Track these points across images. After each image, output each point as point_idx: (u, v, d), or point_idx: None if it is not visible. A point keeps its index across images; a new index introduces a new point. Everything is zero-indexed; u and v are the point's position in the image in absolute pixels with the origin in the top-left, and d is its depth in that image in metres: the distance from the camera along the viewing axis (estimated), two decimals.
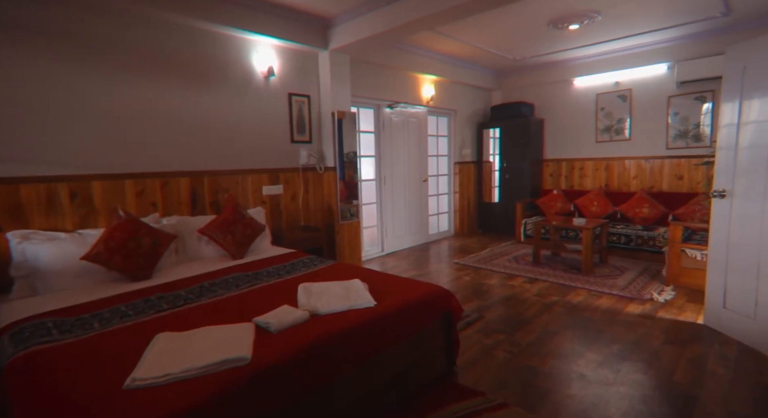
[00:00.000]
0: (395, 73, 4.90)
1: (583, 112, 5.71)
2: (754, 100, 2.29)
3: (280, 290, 2.18)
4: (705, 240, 3.73)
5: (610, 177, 5.53)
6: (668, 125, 5.02)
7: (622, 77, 5.31)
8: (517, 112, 5.84)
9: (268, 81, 3.53)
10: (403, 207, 5.22)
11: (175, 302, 1.99)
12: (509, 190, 6.02)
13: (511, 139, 5.93)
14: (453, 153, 6.03)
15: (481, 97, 6.39)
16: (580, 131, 5.77)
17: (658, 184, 5.14)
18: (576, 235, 4.89)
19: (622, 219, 5.02)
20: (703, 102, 4.76)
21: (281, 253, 3.00)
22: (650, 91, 5.11)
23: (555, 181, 6.08)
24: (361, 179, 4.75)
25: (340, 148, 4.00)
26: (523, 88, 6.27)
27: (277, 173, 3.66)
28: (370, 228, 4.97)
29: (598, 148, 5.63)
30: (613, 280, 3.70)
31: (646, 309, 3.00)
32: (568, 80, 5.76)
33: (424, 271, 4.22)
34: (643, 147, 5.24)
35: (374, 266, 4.49)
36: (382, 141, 4.88)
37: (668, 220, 4.68)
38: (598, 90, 5.55)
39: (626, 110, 5.33)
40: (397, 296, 2.00)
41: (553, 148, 6.08)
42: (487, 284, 3.72)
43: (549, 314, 2.96)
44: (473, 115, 6.29)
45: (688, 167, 4.91)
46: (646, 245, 4.37)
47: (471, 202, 6.37)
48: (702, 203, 4.39)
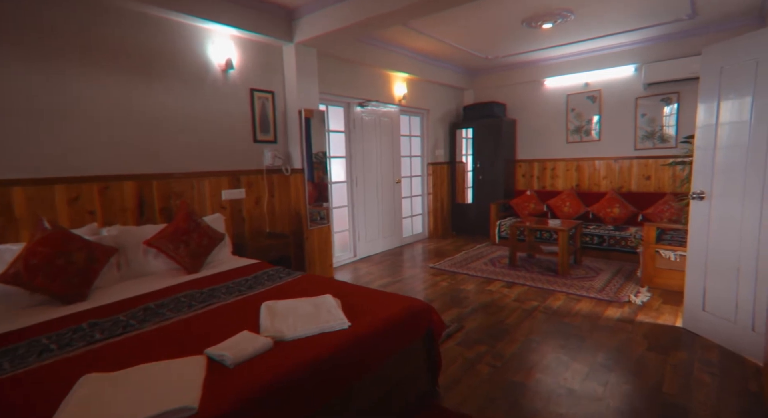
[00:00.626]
0: (366, 70, 4.69)
1: (554, 113, 5.72)
2: (732, 100, 2.25)
3: (240, 310, 1.92)
4: (677, 240, 3.76)
5: (581, 177, 5.57)
6: (636, 126, 5.10)
7: (591, 78, 5.35)
8: (489, 113, 5.78)
9: (226, 75, 3.23)
10: (375, 210, 5.01)
11: (112, 331, 1.69)
12: (483, 191, 5.95)
13: (484, 140, 5.86)
14: (426, 153, 5.89)
15: (453, 97, 6.29)
16: (551, 132, 5.78)
17: (627, 185, 5.20)
18: (550, 236, 4.86)
19: (594, 219, 5.05)
20: (668, 104, 4.86)
21: (243, 264, 2.72)
22: (619, 92, 5.17)
23: (527, 181, 6.07)
24: (332, 181, 4.51)
25: (308, 149, 3.75)
26: (494, 88, 6.22)
27: (239, 176, 3.36)
28: (342, 233, 4.74)
29: (569, 149, 5.65)
30: (589, 282, 3.66)
31: (624, 313, 2.94)
32: (539, 81, 5.76)
33: (399, 277, 4.03)
34: (613, 148, 5.29)
35: (346, 272, 4.26)
36: (353, 141, 4.66)
37: (638, 219, 4.74)
38: (568, 91, 5.57)
39: (596, 111, 5.38)
40: (374, 315, 1.79)
41: (525, 148, 6.06)
42: (465, 289, 3.58)
43: (530, 320, 2.85)
44: (446, 114, 6.18)
45: (655, 167, 4.99)
46: (619, 245, 4.39)
47: (445, 203, 6.26)
48: (670, 203, 4.46)
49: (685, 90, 4.71)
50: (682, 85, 4.70)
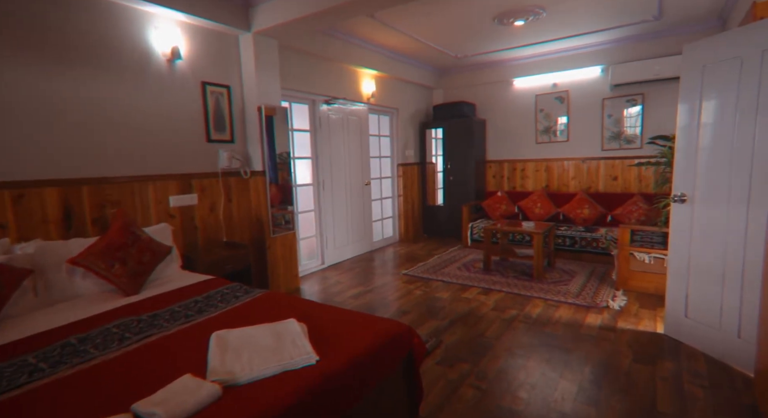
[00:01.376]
0: (333, 65, 4.40)
1: (523, 113, 5.68)
2: (715, 100, 2.18)
3: (185, 342, 1.60)
4: (648, 241, 3.75)
5: (550, 178, 5.56)
6: (603, 127, 5.13)
7: (559, 79, 5.34)
8: (459, 112, 5.65)
9: (173, 65, 2.85)
10: (344, 213, 4.74)
11: (13, 380, 1.34)
12: (453, 193, 5.82)
13: (455, 140, 5.73)
14: (396, 154, 5.68)
15: (422, 96, 6.12)
16: (520, 132, 5.73)
17: (594, 185, 5.23)
18: (523, 238, 4.78)
19: (565, 220, 5.03)
20: (633, 105, 4.91)
21: (194, 281, 2.38)
22: (586, 93, 5.19)
23: (498, 182, 6.00)
24: (296, 184, 4.19)
25: (270, 149, 3.42)
26: (463, 88, 6.11)
27: (190, 179, 2.99)
28: (308, 239, 4.43)
29: (538, 149, 5.62)
30: (565, 286, 3.58)
31: (604, 319, 2.85)
32: (508, 81, 5.70)
33: (371, 286, 3.79)
34: (581, 148, 5.31)
35: (314, 282, 3.96)
36: (320, 141, 4.36)
37: (607, 220, 4.76)
38: (537, 91, 5.54)
39: (564, 112, 5.38)
40: (347, 343, 1.54)
41: (495, 149, 5.99)
42: (441, 298, 3.39)
43: (511, 332, 2.69)
44: (416, 114, 6.00)
45: (621, 168, 5.04)
46: (590, 246, 4.37)
47: (415, 205, 6.07)
48: (638, 204, 4.49)
49: (649, 91, 4.77)
50: (647, 87, 4.76)
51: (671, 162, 4.61)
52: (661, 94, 4.71)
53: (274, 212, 3.49)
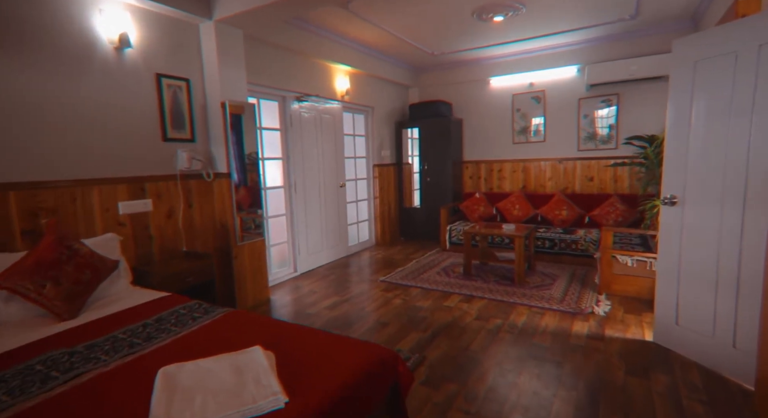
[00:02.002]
0: (304, 60, 4.14)
1: (500, 113, 5.60)
2: (707, 97, 2.10)
3: (125, 382, 1.33)
4: (630, 244, 3.72)
5: (527, 179, 5.50)
6: (579, 127, 5.11)
7: (536, 79, 5.29)
8: (436, 112, 5.50)
9: (121, 54, 2.52)
10: (318, 217, 4.48)
11: None
12: (431, 194, 5.67)
13: (431, 140, 5.58)
14: (371, 154, 5.47)
15: (398, 94, 5.94)
16: (497, 132, 5.65)
17: (571, 186, 5.21)
18: (502, 240, 4.68)
19: (543, 222, 4.97)
20: (609, 105, 4.91)
21: (146, 300, 2.08)
22: (562, 93, 5.15)
23: (475, 183, 5.90)
24: (266, 187, 3.90)
25: (237, 149, 3.14)
26: (440, 87, 5.98)
27: (143, 183, 2.67)
28: (280, 245, 4.14)
29: (515, 150, 5.56)
30: (547, 290, 3.47)
31: (591, 327, 2.75)
32: (484, 80, 5.60)
33: (347, 295, 3.56)
34: (557, 149, 5.28)
35: (286, 292, 3.69)
36: (291, 140, 4.09)
37: (584, 221, 4.73)
38: (513, 91, 5.47)
39: (540, 111, 5.33)
40: (322, 378, 1.31)
41: (472, 149, 5.89)
42: (421, 307, 3.20)
43: (498, 344, 2.54)
44: (391, 113, 5.81)
45: (597, 169, 5.04)
46: (569, 248, 4.31)
47: (392, 207, 5.88)
48: (615, 205, 4.48)
49: (624, 92, 4.78)
50: (622, 87, 4.77)
51: (647, 163, 4.65)
52: (636, 94, 4.73)
53: (241, 217, 3.20)
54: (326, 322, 2.96)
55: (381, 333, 2.74)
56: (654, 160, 3.14)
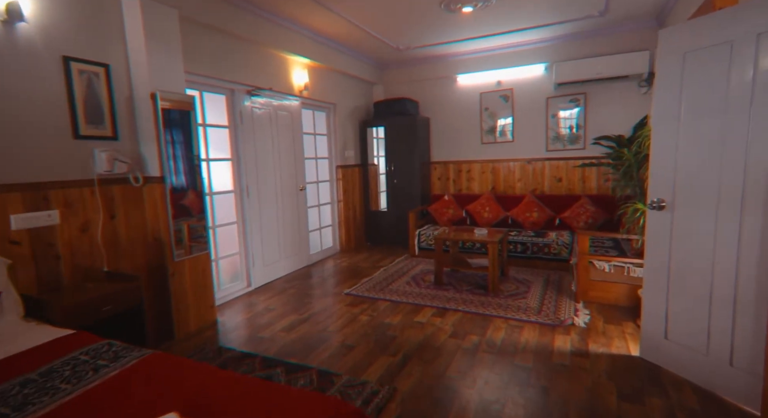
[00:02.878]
0: (257, 50, 3.71)
1: (468, 112, 5.40)
2: (699, 92, 1.92)
3: None
4: (603, 247, 3.59)
5: (497, 180, 5.34)
6: (547, 127, 5.00)
7: (504, 77, 5.12)
8: (402, 110, 5.21)
9: (11, 30, 2.02)
10: (275, 224, 4.06)
11: None
12: (398, 197, 5.38)
13: (397, 140, 5.29)
14: (334, 155, 5.10)
15: (362, 91, 5.60)
16: (465, 132, 5.45)
17: (540, 187, 5.09)
18: (473, 245, 4.47)
19: (513, 224, 4.81)
20: (577, 104, 4.83)
21: (37, 343, 1.62)
22: (530, 91, 5.02)
23: (443, 185, 5.67)
24: (212, 192, 3.45)
25: (176, 149, 2.68)
26: (406, 84, 5.70)
27: (46, 190, 2.17)
28: (230, 257, 3.68)
29: (483, 150, 5.38)
30: (523, 299, 3.27)
31: (574, 341, 2.54)
32: (451, 77, 5.38)
33: (308, 312, 3.17)
34: (526, 149, 5.14)
35: (237, 311, 3.25)
36: (242, 139, 3.65)
37: (555, 223, 4.60)
38: (481, 89, 5.28)
39: (509, 111, 5.17)
40: None
41: (439, 149, 5.65)
42: (391, 324, 2.89)
43: (478, 367, 2.26)
44: (355, 110, 5.46)
45: (566, 169, 4.94)
46: (542, 252, 4.15)
47: (357, 211, 5.53)
48: (586, 206, 4.37)
49: (592, 91, 4.71)
50: (589, 86, 4.69)
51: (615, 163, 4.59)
52: (602, 94, 4.66)
53: (179, 227, 2.75)
54: (282, 348, 2.57)
55: (345, 359, 2.40)
56: (632, 161, 3.00)
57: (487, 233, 3.75)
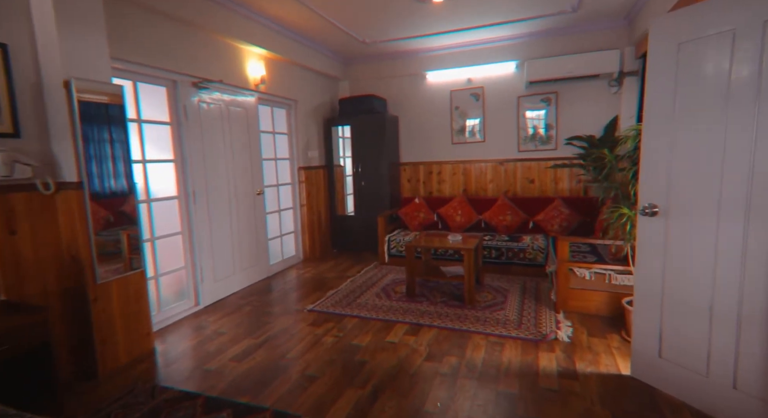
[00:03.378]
0: (206, 37, 3.28)
1: (438, 111, 5.17)
2: (696, 86, 1.74)
3: None
4: (581, 252, 3.44)
5: (468, 181, 5.14)
6: (519, 127, 4.85)
7: (474, 74, 4.93)
8: (369, 107, 4.91)
9: None
10: (228, 233, 3.63)
11: None
12: (366, 200, 5.06)
13: (365, 139, 4.98)
14: (296, 155, 4.71)
15: (327, 87, 5.24)
16: (436, 131, 5.22)
17: (512, 188, 4.94)
18: (446, 251, 4.23)
19: (486, 228, 4.61)
20: (548, 104, 4.71)
21: None
22: (501, 90, 4.86)
23: (414, 187, 5.41)
24: (150, 198, 2.99)
25: (102, 148, 2.24)
26: (373, 80, 5.39)
27: None
28: (175, 273, 3.23)
29: (454, 150, 5.17)
30: (501, 311, 3.04)
31: (559, 359, 2.33)
32: (421, 74, 5.13)
33: (264, 335, 2.79)
34: (497, 149, 4.97)
35: (181, 336, 2.82)
36: (188, 138, 3.20)
37: (529, 226, 4.45)
38: (451, 87, 5.07)
39: (480, 110, 4.99)
40: None
41: (409, 149, 5.39)
42: (359, 346, 2.57)
43: (459, 397, 1.99)
44: (319, 108, 5.09)
45: (538, 170, 4.81)
46: (517, 257, 3.97)
47: (323, 216, 5.17)
48: (560, 209, 4.24)
49: (563, 90, 4.60)
50: (560, 86, 4.58)
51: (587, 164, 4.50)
52: (574, 93, 4.56)
53: (107, 242, 2.30)
54: (232, 382, 2.19)
55: (307, 394, 2.06)
56: (614, 163, 2.85)
57: (462, 239, 3.51)
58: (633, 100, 4.25)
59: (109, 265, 2.33)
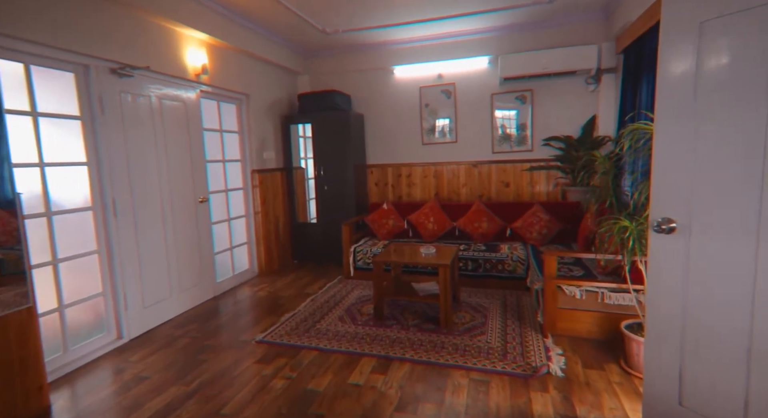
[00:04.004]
0: (129, 15, 2.70)
1: (407, 109, 4.78)
2: (727, 75, 1.40)
3: None
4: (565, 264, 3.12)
5: (440, 185, 4.78)
6: (493, 127, 4.53)
7: (445, 69, 4.57)
8: (332, 104, 4.43)
9: None
10: (161, 249, 3.05)
11: None
12: (330, 206, 4.58)
13: (327, 139, 4.50)
14: (250, 157, 4.16)
15: (284, 81, 4.72)
16: (405, 131, 4.82)
17: (487, 192, 4.62)
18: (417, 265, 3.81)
19: (461, 236, 4.25)
20: (523, 102, 4.41)
21: None
22: (474, 87, 4.52)
23: (381, 191, 4.99)
24: (52, 211, 2.38)
25: None
26: (336, 75, 4.92)
27: None
28: (88, 302, 2.62)
29: (425, 152, 4.79)
30: (482, 336, 2.66)
31: (556, 403, 1.96)
32: (388, 68, 4.72)
33: (197, 380, 2.26)
34: (471, 150, 4.64)
35: (91, 383, 2.23)
36: (104, 136, 2.61)
37: (506, 234, 4.12)
38: (421, 83, 4.68)
39: (451, 108, 4.63)
40: None
41: (376, 150, 4.96)
42: (317, 392, 2.09)
43: None
44: (276, 104, 4.56)
45: (513, 173, 4.51)
46: (495, 269, 3.62)
47: (281, 224, 4.63)
48: (539, 215, 3.94)
49: (538, 87, 4.32)
50: (536, 83, 4.30)
51: (565, 167, 4.23)
52: (549, 91, 4.29)
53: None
54: None
55: None
56: (610, 169, 2.53)
57: (436, 251, 3.11)
58: (612, 98, 4.03)
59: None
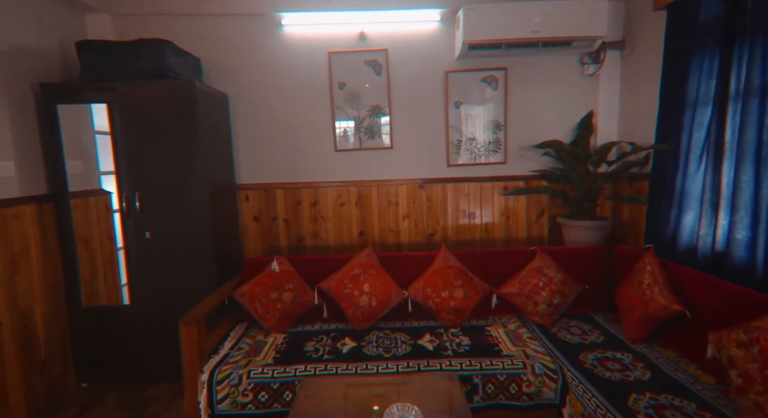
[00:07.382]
0: None
1: (307, 89, 2.79)
2: None
3: None
4: (610, 370, 1.52)
5: (367, 218, 2.90)
6: (448, 124, 2.85)
7: (371, 27, 2.73)
8: (158, 65, 2.19)
9: None
10: None
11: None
12: (160, 271, 2.29)
13: (150, 134, 2.22)
14: None
15: (43, 15, 2.26)
16: (306, 127, 2.83)
17: (441, 229, 2.91)
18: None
19: (418, 312, 2.41)
20: (493, 88, 2.83)
21: None
22: (418, 58, 2.78)
23: (266, 232, 2.87)
24: None
25: None
26: (169, 18, 2.66)
27: None
28: None
29: (340, 163, 2.86)
30: None
31: None
32: (269, 15, 2.67)
33: None
34: (415, 162, 2.89)
35: None
36: None
37: (492, 305, 2.42)
38: (331, 46, 2.75)
39: (383, 91, 2.81)
40: None
41: (255, 160, 2.84)
42: None
43: None
44: (22, 59, 2.08)
45: (482, 197, 2.90)
46: (503, 394, 1.87)
47: (41, 317, 2.13)
48: (544, 271, 2.34)
49: (515, 66, 2.79)
50: (512, 58, 2.77)
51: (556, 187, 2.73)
52: (529, 70, 2.81)
53: None
54: None
55: None
56: None
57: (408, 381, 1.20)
58: (616, 88, 2.72)
59: None
